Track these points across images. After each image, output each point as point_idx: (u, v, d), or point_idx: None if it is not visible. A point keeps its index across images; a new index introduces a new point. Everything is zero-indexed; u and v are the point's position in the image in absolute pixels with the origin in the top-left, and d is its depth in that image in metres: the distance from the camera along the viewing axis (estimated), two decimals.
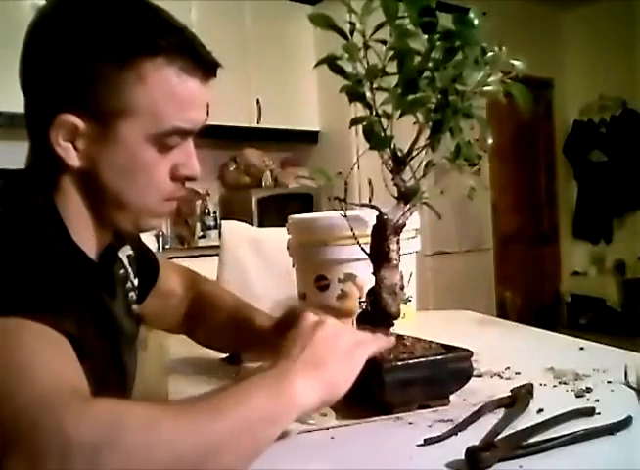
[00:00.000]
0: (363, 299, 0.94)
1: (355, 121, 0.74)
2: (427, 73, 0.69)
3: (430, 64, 0.68)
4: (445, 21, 0.67)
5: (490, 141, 0.72)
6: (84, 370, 0.57)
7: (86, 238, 0.72)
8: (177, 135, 0.70)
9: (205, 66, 0.70)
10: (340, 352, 0.64)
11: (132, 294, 0.89)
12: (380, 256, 0.75)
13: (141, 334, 0.93)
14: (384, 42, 0.68)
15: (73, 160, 0.67)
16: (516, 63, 0.70)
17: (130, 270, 0.90)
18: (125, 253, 0.89)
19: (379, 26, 0.69)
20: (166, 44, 0.67)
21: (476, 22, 0.67)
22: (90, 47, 0.66)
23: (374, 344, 0.69)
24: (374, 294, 0.76)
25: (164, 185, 0.72)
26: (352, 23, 0.69)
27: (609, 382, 0.81)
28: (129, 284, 0.88)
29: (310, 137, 4.23)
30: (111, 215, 0.72)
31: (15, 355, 0.53)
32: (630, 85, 5.18)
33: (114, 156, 0.67)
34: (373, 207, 0.75)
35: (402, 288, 0.76)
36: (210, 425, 0.53)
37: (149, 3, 0.70)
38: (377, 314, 0.76)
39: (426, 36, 0.67)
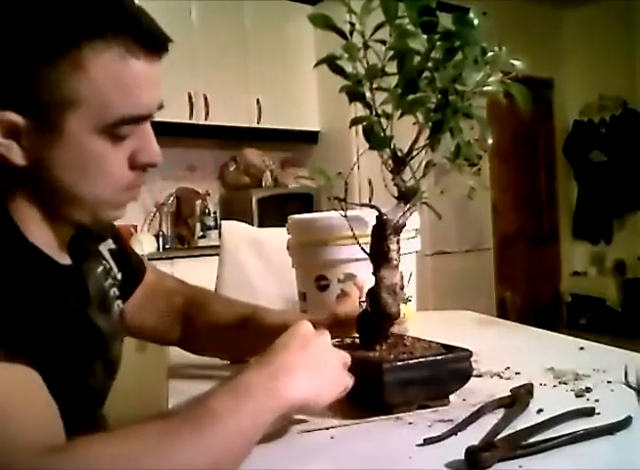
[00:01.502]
0: (363, 299, 0.94)
1: (355, 121, 0.74)
2: (427, 73, 0.69)
3: (430, 64, 0.68)
4: (445, 21, 0.67)
5: (490, 141, 0.72)
6: (53, 386, 0.57)
7: (43, 236, 0.69)
8: (129, 124, 0.65)
9: (150, 43, 0.64)
10: (334, 363, 0.68)
11: (115, 290, 0.85)
12: (380, 256, 0.75)
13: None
14: (383, 42, 0.68)
15: (18, 158, 0.63)
16: (516, 63, 0.70)
17: (113, 264, 0.87)
18: (107, 247, 0.86)
19: (378, 26, 0.69)
20: (103, 25, 0.61)
21: (476, 22, 0.67)
22: (20, 41, 0.61)
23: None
24: (374, 294, 0.76)
25: (121, 176, 0.67)
26: (352, 24, 0.69)
27: (609, 382, 0.81)
28: (110, 280, 0.84)
29: (310, 137, 4.23)
30: (65, 211, 0.69)
31: None
32: (630, 85, 5.19)
33: (62, 151, 0.63)
34: (373, 207, 0.75)
35: (402, 288, 0.76)
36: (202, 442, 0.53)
37: None
38: (377, 314, 0.76)
39: (426, 36, 0.67)
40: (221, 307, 1.01)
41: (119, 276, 0.89)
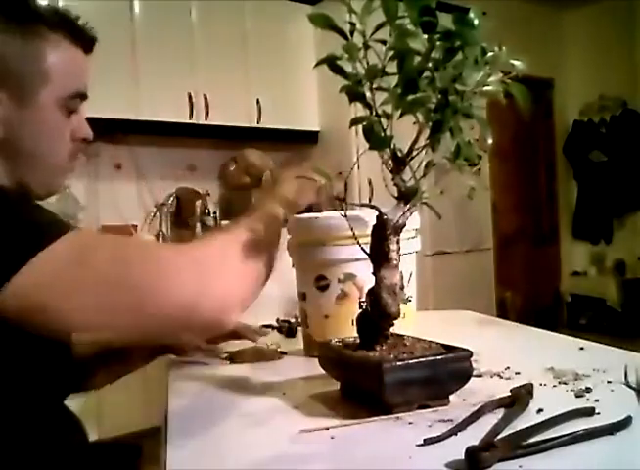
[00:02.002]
0: (363, 299, 0.94)
1: (355, 121, 0.73)
2: (427, 73, 0.69)
3: (430, 64, 0.68)
4: (445, 21, 0.67)
5: (490, 141, 0.72)
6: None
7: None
8: (78, 98, 0.81)
9: (85, 38, 0.81)
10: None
11: None
12: (380, 256, 0.75)
13: None
14: (384, 42, 0.68)
15: None
16: (516, 63, 0.70)
17: None
18: None
19: (379, 27, 0.69)
20: (58, 21, 0.78)
21: (476, 22, 0.67)
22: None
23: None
24: (374, 294, 0.76)
25: (67, 145, 0.82)
26: (352, 24, 0.69)
27: (609, 382, 0.81)
28: None
29: (310, 137, 4.22)
30: (25, 177, 0.79)
31: (106, 247, 0.67)
32: (630, 85, 5.18)
33: (31, 121, 0.76)
34: (373, 207, 0.75)
35: (402, 288, 0.76)
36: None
37: None
38: (377, 314, 0.76)
39: (426, 36, 0.67)
40: None
41: None
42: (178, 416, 0.80)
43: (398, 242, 0.75)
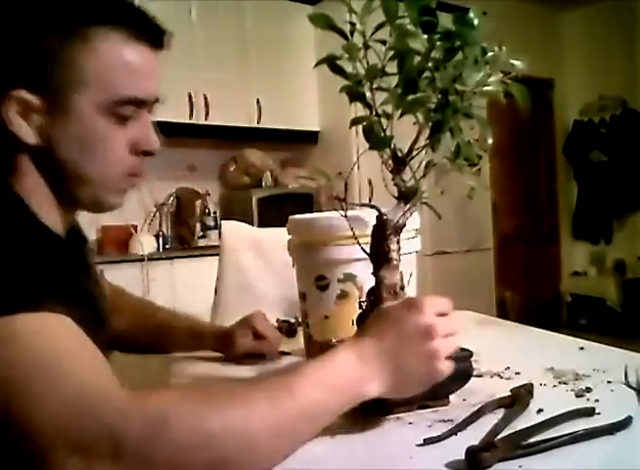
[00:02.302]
0: (363, 299, 0.94)
1: (355, 121, 0.73)
2: (427, 73, 0.69)
3: (430, 64, 0.68)
4: (445, 21, 0.67)
5: (490, 141, 0.72)
6: None
7: (52, 217, 0.71)
8: (130, 104, 0.69)
9: (151, 34, 0.70)
10: (424, 352, 0.64)
11: (100, 267, 0.93)
12: (380, 256, 0.75)
13: None
14: (384, 42, 0.68)
15: (29, 136, 0.66)
16: (516, 63, 0.70)
17: (101, 268, 0.95)
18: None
19: (379, 27, 0.69)
20: (112, 12, 0.67)
21: (476, 22, 0.67)
22: (35, 20, 0.65)
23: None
24: (374, 294, 0.75)
25: (124, 159, 0.71)
26: (352, 24, 0.69)
27: (609, 382, 0.81)
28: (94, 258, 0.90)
29: (310, 137, 4.22)
30: (72, 191, 0.71)
31: (33, 352, 0.53)
32: (630, 85, 5.18)
33: (70, 129, 0.67)
34: (373, 207, 0.75)
35: (402, 288, 0.76)
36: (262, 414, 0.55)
37: None
38: None
39: (426, 36, 0.67)
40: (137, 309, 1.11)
41: None
42: None
43: (398, 242, 0.75)
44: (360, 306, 0.98)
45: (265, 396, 0.56)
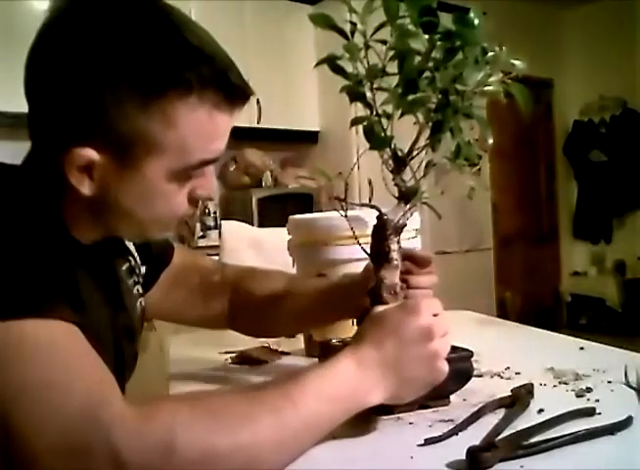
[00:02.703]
0: None
1: (355, 121, 0.73)
2: (427, 73, 0.69)
3: (430, 64, 0.68)
4: (445, 21, 0.67)
5: (491, 141, 0.72)
6: None
7: (87, 237, 0.70)
8: (201, 167, 0.67)
9: (237, 98, 0.66)
10: (424, 356, 0.65)
11: (138, 287, 0.85)
12: (380, 256, 0.75)
13: (142, 334, 0.92)
14: (384, 42, 0.68)
15: (86, 189, 0.63)
16: (516, 63, 0.70)
17: (138, 260, 0.87)
18: (132, 261, 0.86)
19: (379, 27, 0.69)
20: (198, 80, 0.61)
21: (476, 22, 0.67)
22: (110, 72, 0.59)
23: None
24: (374, 294, 0.75)
25: (180, 209, 0.69)
26: (353, 23, 0.69)
27: (609, 382, 0.81)
28: (135, 277, 0.84)
29: (310, 137, 4.22)
30: (116, 227, 0.70)
31: (32, 363, 0.52)
32: (630, 85, 5.18)
33: (133, 186, 0.64)
34: (373, 207, 0.75)
35: (402, 288, 0.76)
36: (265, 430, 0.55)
37: (179, 25, 0.62)
38: None
39: (426, 36, 0.67)
40: (260, 283, 1.00)
41: (143, 269, 0.89)
42: None
43: (399, 242, 0.75)
44: None
45: (269, 409, 0.56)
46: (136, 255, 0.87)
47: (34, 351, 0.52)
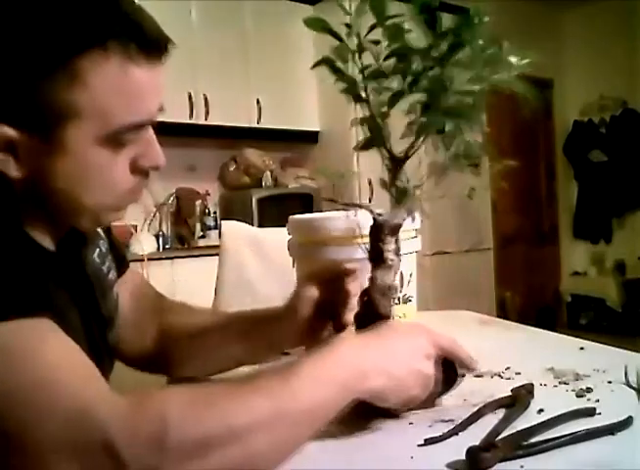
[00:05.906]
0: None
1: (355, 122, 0.73)
2: (426, 73, 0.68)
3: (430, 63, 0.68)
4: (446, 21, 0.67)
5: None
6: None
7: (47, 236, 0.67)
8: (131, 131, 0.62)
9: (151, 48, 0.61)
10: (417, 368, 0.66)
11: (113, 272, 0.82)
12: (375, 256, 0.75)
13: None
14: (377, 43, 0.68)
15: (13, 170, 0.60)
16: (519, 61, 0.70)
17: (108, 265, 0.82)
18: (104, 246, 0.82)
19: (372, 27, 0.68)
20: (102, 34, 0.57)
21: (476, 21, 0.67)
22: (16, 54, 0.56)
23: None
24: (367, 294, 0.75)
25: (123, 181, 0.64)
26: (348, 25, 0.68)
27: (609, 382, 0.81)
28: (108, 263, 0.81)
29: (310, 137, 4.23)
30: (66, 218, 0.67)
31: (30, 365, 0.51)
32: (630, 85, 5.19)
33: (63, 163, 0.60)
34: (367, 208, 0.75)
35: (395, 289, 0.75)
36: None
37: None
38: (370, 315, 0.75)
39: (422, 34, 0.67)
40: (198, 316, 0.96)
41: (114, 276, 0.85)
42: None
43: (397, 242, 0.75)
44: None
45: (264, 394, 0.55)
46: (105, 238, 0.83)
47: (23, 351, 0.52)
